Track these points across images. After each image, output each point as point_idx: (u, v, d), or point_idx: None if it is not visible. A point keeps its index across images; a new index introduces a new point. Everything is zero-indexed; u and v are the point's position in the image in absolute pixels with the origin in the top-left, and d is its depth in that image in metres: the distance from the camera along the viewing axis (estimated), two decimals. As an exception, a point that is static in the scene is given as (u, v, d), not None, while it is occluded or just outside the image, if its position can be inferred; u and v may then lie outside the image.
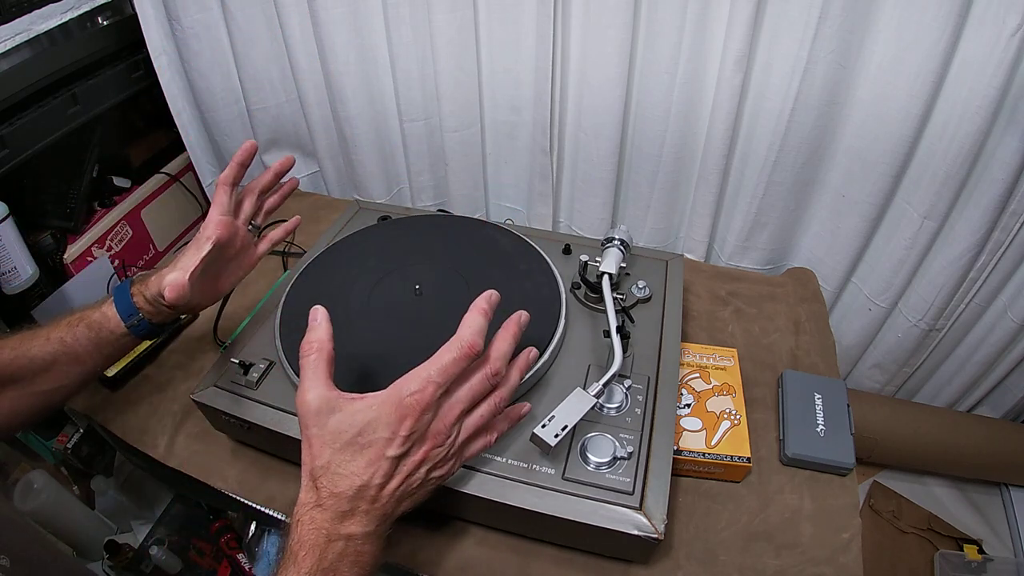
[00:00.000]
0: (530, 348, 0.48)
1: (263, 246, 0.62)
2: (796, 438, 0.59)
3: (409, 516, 0.55)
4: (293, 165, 0.62)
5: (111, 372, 0.67)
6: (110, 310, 0.54)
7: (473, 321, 0.42)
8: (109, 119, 0.93)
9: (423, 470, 0.41)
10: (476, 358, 0.41)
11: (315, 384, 0.40)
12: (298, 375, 0.55)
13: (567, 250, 0.71)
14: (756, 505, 0.56)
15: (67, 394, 0.55)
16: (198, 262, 0.52)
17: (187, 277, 0.51)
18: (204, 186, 1.09)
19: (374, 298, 0.63)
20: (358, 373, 0.55)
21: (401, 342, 0.58)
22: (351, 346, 0.58)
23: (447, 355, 0.40)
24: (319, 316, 0.43)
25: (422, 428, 0.39)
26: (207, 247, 0.53)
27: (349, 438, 0.39)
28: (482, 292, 0.45)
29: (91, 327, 0.53)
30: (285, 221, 0.66)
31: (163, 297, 0.51)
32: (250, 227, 0.61)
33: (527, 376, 0.54)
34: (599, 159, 0.85)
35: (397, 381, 0.40)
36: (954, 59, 0.64)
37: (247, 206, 0.60)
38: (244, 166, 0.57)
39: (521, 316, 0.46)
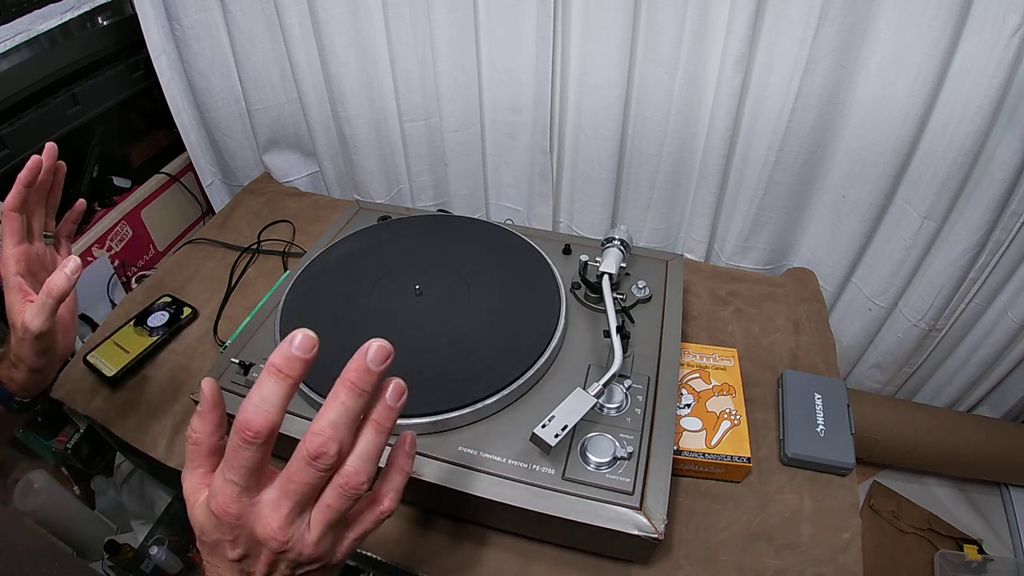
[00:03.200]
0: (392, 380, 0.34)
1: (64, 250, 0.56)
2: (796, 438, 0.59)
3: (409, 516, 0.55)
4: (54, 151, 0.52)
5: (111, 372, 0.67)
6: None
7: (254, 391, 0.30)
8: (109, 119, 0.93)
9: (285, 568, 0.33)
10: (259, 441, 0.30)
11: (189, 475, 0.34)
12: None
13: (567, 250, 0.71)
14: (756, 505, 0.56)
15: None
16: (50, 318, 0.47)
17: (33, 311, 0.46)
18: (204, 186, 1.09)
19: (374, 298, 0.63)
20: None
21: (401, 342, 0.58)
22: (351, 347, 0.58)
23: (229, 443, 0.31)
24: (207, 399, 0.33)
25: (246, 532, 0.32)
26: (15, 287, 0.48)
27: (203, 540, 0.34)
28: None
29: None
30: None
31: (28, 336, 0.47)
32: (46, 237, 0.54)
33: (512, 388, 0.54)
34: (599, 159, 0.85)
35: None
36: (954, 59, 0.64)
37: (34, 223, 0.53)
38: (30, 186, 0.50)
39: (370, 348, 0.32)
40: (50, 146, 0.51)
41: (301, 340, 0.31)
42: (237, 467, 0.31)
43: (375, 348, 0.32)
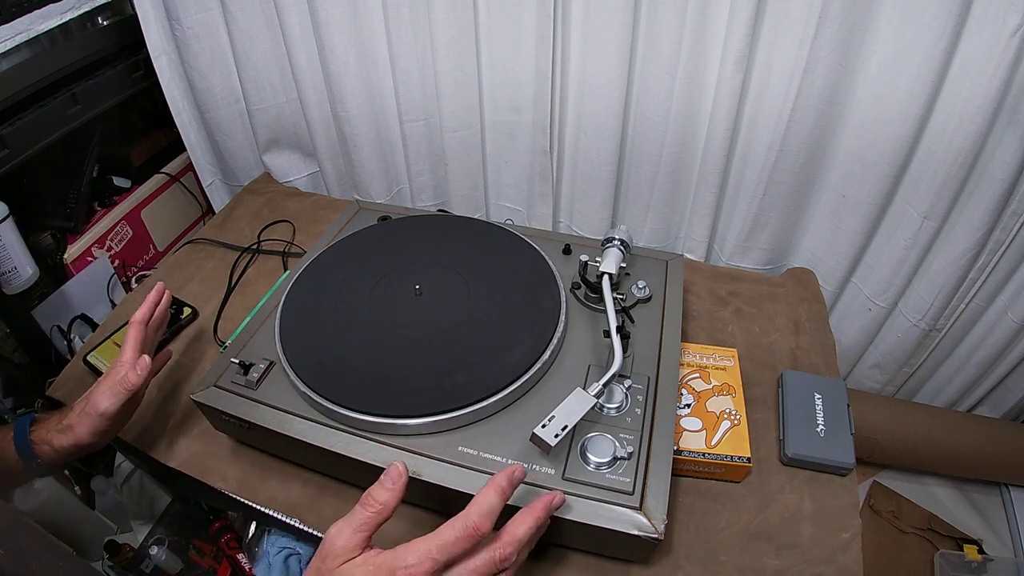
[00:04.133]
0: (555, 495, 0.45)
1: (148, 380, 0.60)
2: (796, 438, 0.59)
3: (409, 516, 0.55)
4: (164, 292, 0.63)
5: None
6: (8, 447, 0.53)
7: (484, 501, 0.40)
8: (109, 119, 0.93)
9: None
10: (480, 539, 0.39)
11: (354, 534, 0.39)
12: (298, 376, 0.55)
13: (567, 250, 0.71)
14: (756, 505, 0.56)
15: None
16: (119, 403, 0.53)
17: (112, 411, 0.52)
18: (204, 186, 1.09)
19: (374, 298, 0.63)
20: (356, 375, 0.55)
21: (401, 342, 0.58)
22: (350, 347, 0.58)
23: (450, 532, 0.39)
24: (400, 475, 0.41)
25: None
26: (125, 392, 0.53)
27: None
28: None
29: None
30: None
31: (92, 412, 0.52)
32: None
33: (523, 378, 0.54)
34: (599, 159, 0.85)
35: (397, 549, 0.39)
36: (954, 59, 0.64)
37: (148, 341, 0.59)
38: (156, 304, 0.61)
39: (554, 499, 0.44)
40: (160, 286, 0.62)
41: (518, 474, 0.43)
42: (451, 552, 0.38)
43: (557, 500, 0.45)
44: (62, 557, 0.40)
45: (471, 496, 0.48)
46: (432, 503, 0.55)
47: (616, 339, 0.54)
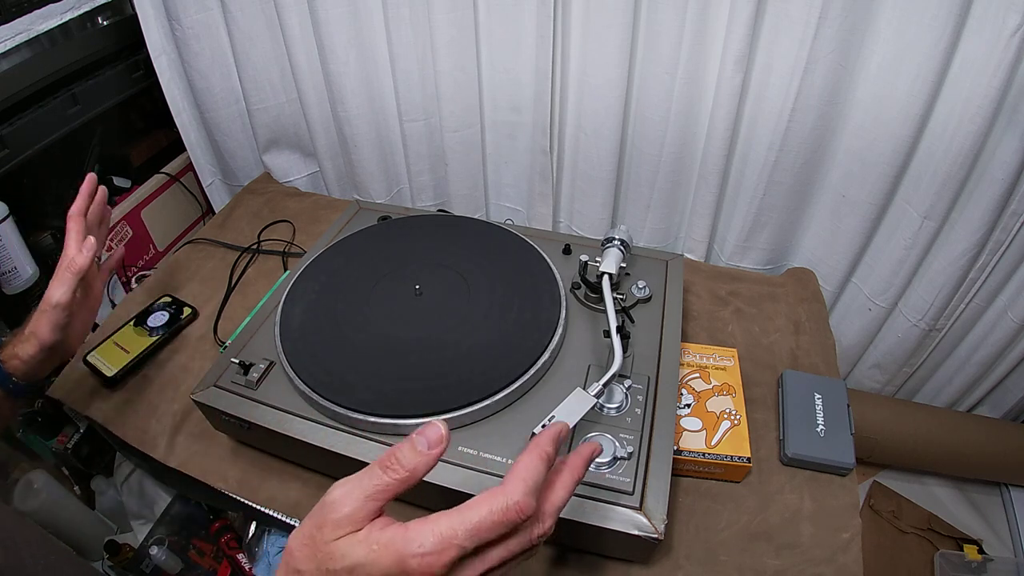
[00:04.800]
0: (593, 446, 0.39)
1: (103, 277, 0.64)
2: (796, 438, 0.59)
3: (409, 516, 0.55)
4: (95, 181, 0.63)
5: (111, 372, 0.67)
6: None
7: (528, 473, 0.32)
8: (109, 119, 0.93)
9: None
10: (520, 523, 0.31)
11: (364, 504, 0.31)
12: (298, 376, 0.55)
13: (567, 250, 0.71)
14: (756, 505, 0.56)
15: None
16: (70, 290, 0.54)
17: (68, 296, 0.54)
18: (204, 186, 1.09)
19: (374, 298, 0.63)
20: (356, 375, 0.55)
21: (401, 343, 0.58)
22: (350, 347, 0.58)
23: (484, 512, 0.30)
24: (438, 447, 0.32)
25: None
26: (72, 276, 0.55)
27: (338, 568, 0.30)
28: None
29: None
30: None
31: (47, 307, 0.53)
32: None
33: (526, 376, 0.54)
34: (599, 159, 0.85)
35: (410, 525, 0.31)
36: (954, 59, 0.64)
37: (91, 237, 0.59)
38: (92, 196, 0.62)
39: (594, 450, 0.38)
40: (90, 176, 0.62)
41: (565, 433, 0.36)
42: (481, 539, 0.30)
43: (564, 431, 0.37)
44: (62, 557, 0.40)
45: (471, 496, 0.48)
46: (432, 503, 0.55)
47: (616, 339, 0.54)
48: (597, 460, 0.49)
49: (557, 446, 0.34)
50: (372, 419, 0.51)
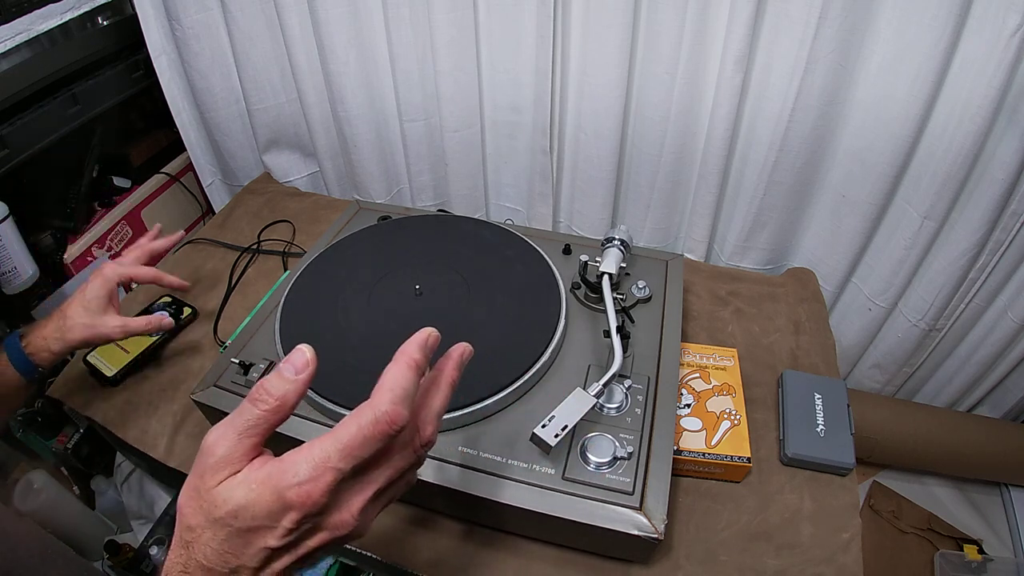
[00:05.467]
0: (459, 347, 0.36)
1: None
2: (796, 438, 0.59)
3: (409, 516, 0.55)
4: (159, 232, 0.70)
5: (111, 372, 0.67)
6: (8, 370, 0.57)
7: (396, 381, 0.30)
8: (109, 119, 0.93)
9: (316, 549, 0.31)
10: (394, 434, 0.29)
11: (239, 441, 0.30)
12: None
13: (567, 250, 0.71)
14: (756, 505, 0.56)
15: None
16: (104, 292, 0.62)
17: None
18: (204, 186, 1.09)
19: (374, 298, 0.63)
20: (357, 375, 0.55)
21: (401, 343, 0.58)
22: (350, 347, 0.58)
23: (355, 430, 0.29)
24: (305, 371, 0.31)
25: (314, 519, 0.30)
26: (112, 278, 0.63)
27: (223, 514, 0.29)
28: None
29: None
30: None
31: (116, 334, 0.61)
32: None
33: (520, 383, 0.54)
34: (599, 159, 0.85)
35: (284, 458, 0.30)
36: (954, 59, 0.64)
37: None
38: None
39: (464, 352, 0.35)
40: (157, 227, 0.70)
41: (432, 341, 0.33)
42: (356, 457, 0.29)
43: (432, 339, 0.34)
44: (62, 557, 0.40)
45: (471, 496, 0.48)
46: (432, 503, 0.55)
47: (616, 339, 0.54)
48: (597, 460, 0.49)
49: (426, 353, 0.32)
50: (372, 419, 0.51)
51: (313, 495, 0.28)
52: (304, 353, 0.31)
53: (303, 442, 0.30)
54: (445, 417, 0.51)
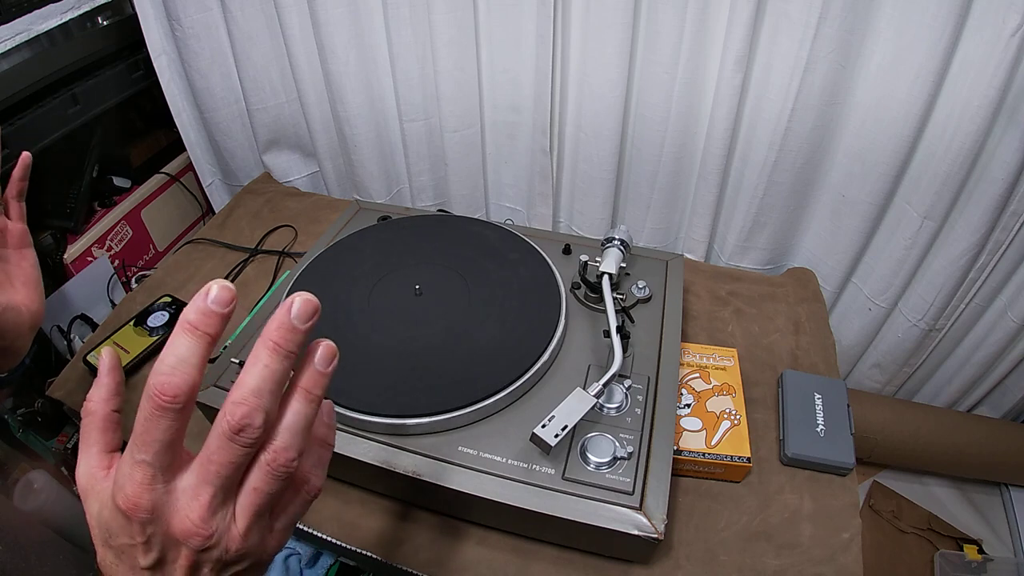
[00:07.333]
0: (321, 342, 0.30)
1: (14, 211, 0.55)
2: (796, 438, 0.59)
3: (409, 516, 0.55)
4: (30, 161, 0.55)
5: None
6: None
7: (167, 351, 0.26)
8: (109, 119, 0.93)
9: (208, 572, 0.29)
10: (177, 407, 0.26)
11: (84, 457, 0.30)
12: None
13: (567, 250, 0.71)
14: (756, 505, 0.56)
15: None
16: None
17: None
18: (204, 186, 1.09)
19: (374, 298, 0.63)
20: (356, 375, 0.55)
21: (401, 343, 0.58)
22: (349, 347, 0.58)
23: (139, 415, 0.26)
24: (104, 364, 0.31)
25: (161, 529, 0.27)
26: None
27: (104, 538, 0.28)
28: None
29: None
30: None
31: None
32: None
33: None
34: (599, 159, 0.85)
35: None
36: (954, 59, 0.64)
37: None
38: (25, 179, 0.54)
39: (292, 304, 0.27)
40: (25, 156, 0.54)
41: (217, 293, 0.26)
42: (150, 442, 0.26)
43: (299, 302, 0.27)
44: (62, 553, 0.40)
45: (472, 496, 0.48)
46: (432, 503, 0.55)
47: (616, 339, 0.54)
48: (597, 460, 0.49)
49: (204, 309, 0.26)
50: (372, 419, 0.51)
51: (131, 497, 0.26)
52: (104, 357, 0.31)
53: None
54: (445, 417, 0.51)
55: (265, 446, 0.28)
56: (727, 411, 0.60)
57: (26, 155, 0.54)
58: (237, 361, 0.57)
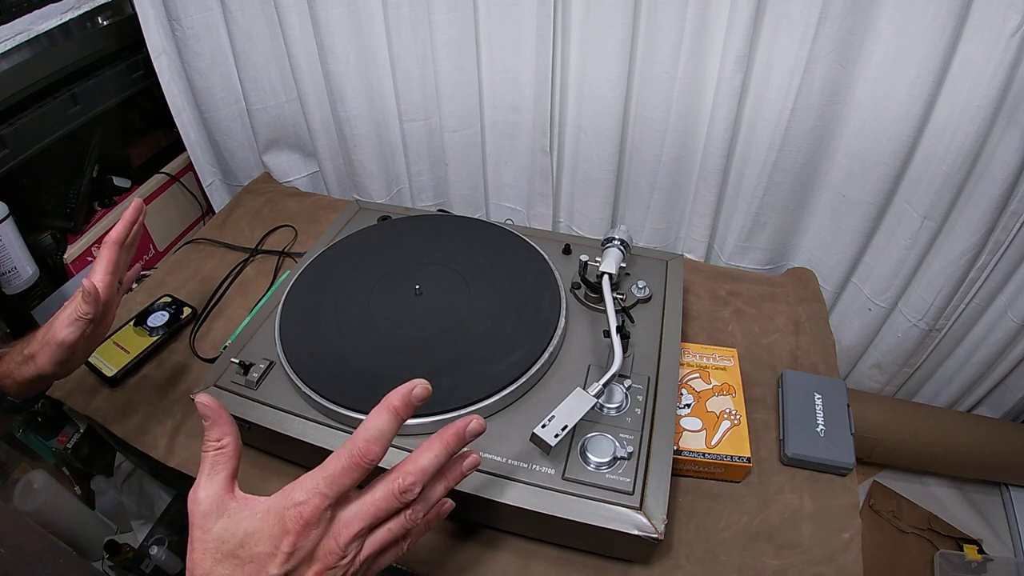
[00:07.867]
0: (470, 455, 0.40)
1: (119, 302, 0.58)
2: (796, 438, 0.59)
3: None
4: (143, 210, 0.58)
5: (111, 372, 0.67)
6: None
7: (372, 423, 0.35)
8: (109, 119, 0.93)
9: None
10: (370, 469, 0.34)
11: (211, 483, 0.35)
12: (298, 376, 0.55)
13: (567, 250, 0.71)
14: (756, 505, 0.56)
15: None
16: (79, 332, 0.50)
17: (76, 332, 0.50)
18: (204, 186, 1.09)
19: (374, 298, 0.63)
20: (356, 375, 0.55)
21: (401, 343, 0.58)
22: (350, 347, 0.58)
23: (336, 462, 0.34)
24: (211, 406, 0.36)
25: (308, 545, 0.33)
26: (82, 321, 0.50)
27: (230, 548, 0.33)
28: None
29: None
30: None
31: (51, 342, 0.49)
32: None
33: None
34: (599, 159, 0.85)
35: (285, 489, 0.34)
36: (954, 59, 0.64)
37: (121, 263, 0.56)
38: (133, 223, 0.56)
39: (470, 423, 0.38)
40: (138, 202, 0.57)
41: (418, 392, 0.36)
42: (339, 486, 0.34)
43: (475, 425, 0.38)
44: (62, 556, 0.40)
45: (472, 496, 0.48)
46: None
47: (616, 339, 0.54)
48: (597, 460, 0.49)
49: (407, 401, 0.36)
50: (372, 419, 0.51)
51: (304, 515, 0.33)
52: (202, 401, 0.37)
53: (296, 439, 0.31)
54: (445, 417, 0.51)
55: (411, 504, 0.36)
56: (727, 411, 0.60)
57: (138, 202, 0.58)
58: (237, 361, 0.57)
